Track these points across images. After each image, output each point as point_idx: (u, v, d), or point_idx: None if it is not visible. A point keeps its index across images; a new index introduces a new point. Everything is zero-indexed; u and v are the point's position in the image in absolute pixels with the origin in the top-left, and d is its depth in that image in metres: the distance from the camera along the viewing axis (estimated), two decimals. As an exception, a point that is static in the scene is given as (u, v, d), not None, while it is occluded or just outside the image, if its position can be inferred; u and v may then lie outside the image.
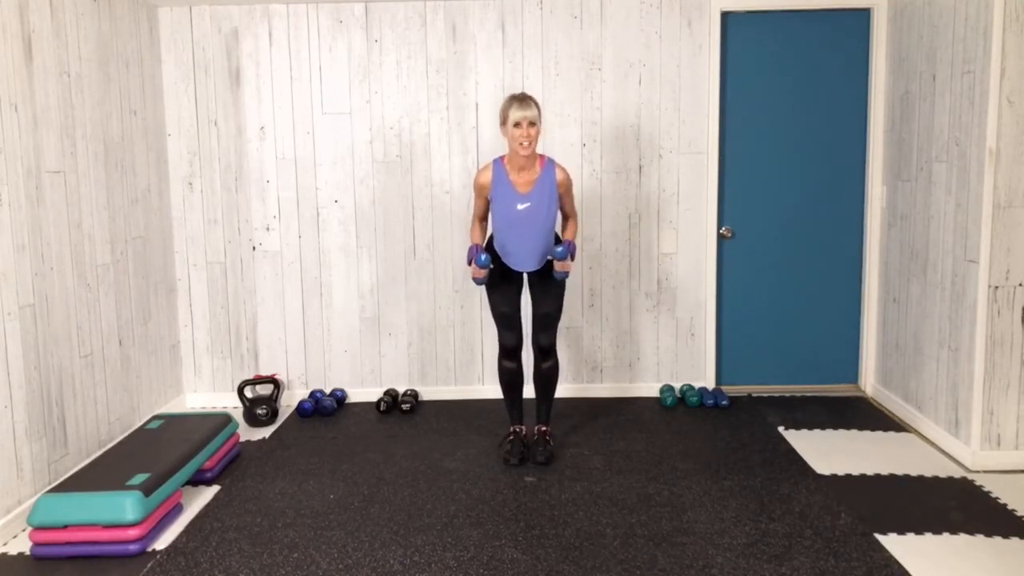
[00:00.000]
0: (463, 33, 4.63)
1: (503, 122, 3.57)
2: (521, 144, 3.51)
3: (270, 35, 4.66)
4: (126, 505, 3.04)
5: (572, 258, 3.68)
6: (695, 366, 4.87)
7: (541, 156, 3.68)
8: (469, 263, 3.69)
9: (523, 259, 3.71)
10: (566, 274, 3.72)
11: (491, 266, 3.70)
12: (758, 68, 4.67)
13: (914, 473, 3.65)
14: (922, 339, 4.14)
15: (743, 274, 4.82)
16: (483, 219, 3.82)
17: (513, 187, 3.62)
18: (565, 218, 3.84)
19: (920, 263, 4.15)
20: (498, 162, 3.68)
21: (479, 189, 3.69)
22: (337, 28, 4.64)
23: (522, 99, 3.52)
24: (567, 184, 3.68)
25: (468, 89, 4.67)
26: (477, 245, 3.69)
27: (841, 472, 3.68)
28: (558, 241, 3.83)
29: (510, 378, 3.93)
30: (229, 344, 4.88)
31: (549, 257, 3.71)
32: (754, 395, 4.84)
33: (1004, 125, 3.50)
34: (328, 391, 4.88)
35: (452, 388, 4.90)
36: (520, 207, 3.62)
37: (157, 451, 3.47)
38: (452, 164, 4.73)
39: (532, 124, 3.51)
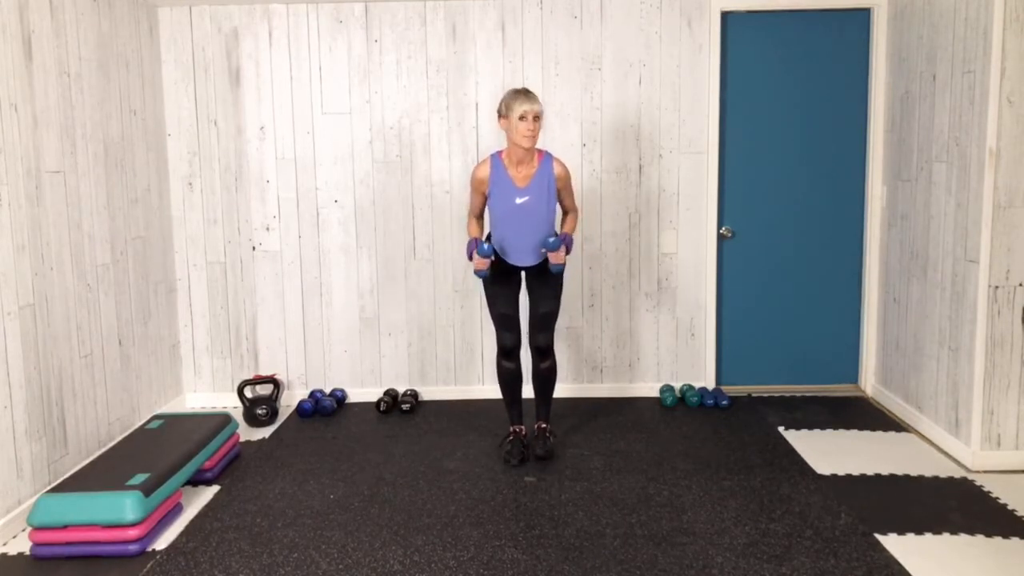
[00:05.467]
0: (463, 33, 4.63)
1: (504, 115, 3.56)
2: (525, 136, 3.51)
3: (270, 35, 4.66)
4: (126, 505, 3.04)
5: (568, 251, 3.67)
6: (695, 366, 4.87)
7: (539, 150, 3.68)
8: (470, 257, 3.68)
9: (522, 254, 3.71)
10: (562, 267, 3.70)
11: (492, 257, 3.69)
12: (758, 68, 4.67)
13: (914, 473, 3.65)
14: (922, 339, 4.14)
15: (743, 274, 4.82)
16: (479, 216, 3.82)
17: (511, 181, 3.63)
18: (565, 213, 3.84)
19: (920, 263, 4.15)
20: (496, 156, 3.68)
21: (477, 184, 3.69)
22: (337, 28, 4.64)
23: (526, 92, 3.52)
24: (565, 178, 3.68)
25: (468, 89, 4.67)
26: (476, 238, 3.69)
27: (841, 472, 3.68)
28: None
29: (509, 378, 3.93)
30: (229, 344, 4.88)
31: (543, 250, 3.69)
32: (754, 395, 4.84)
33: (1004, 125, 3.50)
34: (328, 391, 4.88)
35: (452, 388, 4.90)
36: (518, 201, 3.62)
37: (157, 451, 3.47)
38: (452, 164, 4.73)
39: (537, 118, 3.51)
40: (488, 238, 3.84)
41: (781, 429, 4.25)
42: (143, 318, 4.41)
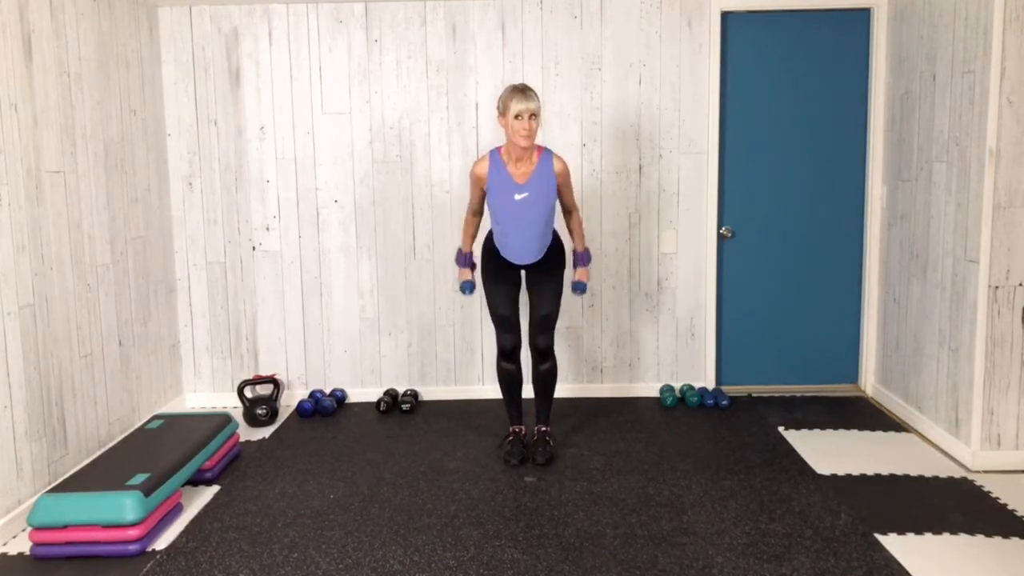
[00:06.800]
0: (463, 33, 4.64)
1: (502, 113, 3.56)
2: (521, 136, 3.51)
3: (270, 35, 4.66)
4: (126, 505, 3.04)
5: (588, 261, 3.94)
6: (695, 366, 4.87)
7: (539, 147, 3.68)
8: (457, 263, 3.95)
9: (521, 251, 3.71)
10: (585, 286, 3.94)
11: (471, 293, 3.96)
12: (758, 68, 4.67)
13: (914, 473, 3.65)
14: (922, 339, 4.14)
15: (743, 274, 4.82)
16: (477, 213, 3.84)
17: (511, 178, 3.63)
18: (567, 213, 3.84)
19: (920, 263, 4.15)
20: (495, 153, 3.68)
21: (475, 180, 3.69)
22: (337, 28, 4.64)
23: (523, 90, 3.51)
24: (565, 174, 3.69)
25: (468, 89, 4.67)
26: (462, 256, 3.93)
27: (841, 472, 3.68)
28: (556, 240, 3.83)
29: (509, 379, 3.93)
30: (229, 344, 4.88)
31: (575, 292, 3.90)
32: (754, 395, 4.84)
33: (1004, 125, 3.50)
34: (328, 391, 4.88)
35: (452, 388, 4.90)
36: (518, 197, 3.62)
37: (157, 451, 3.47)
38: (452, 164, 4.73)
39: (533, 116, 3.51)
40: (488, 238, 3.85)
41: (781, 429, 4.25)
42: (143, 318, 4.41)
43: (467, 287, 3.92)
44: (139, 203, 4.40)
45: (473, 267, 3.95)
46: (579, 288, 3.88)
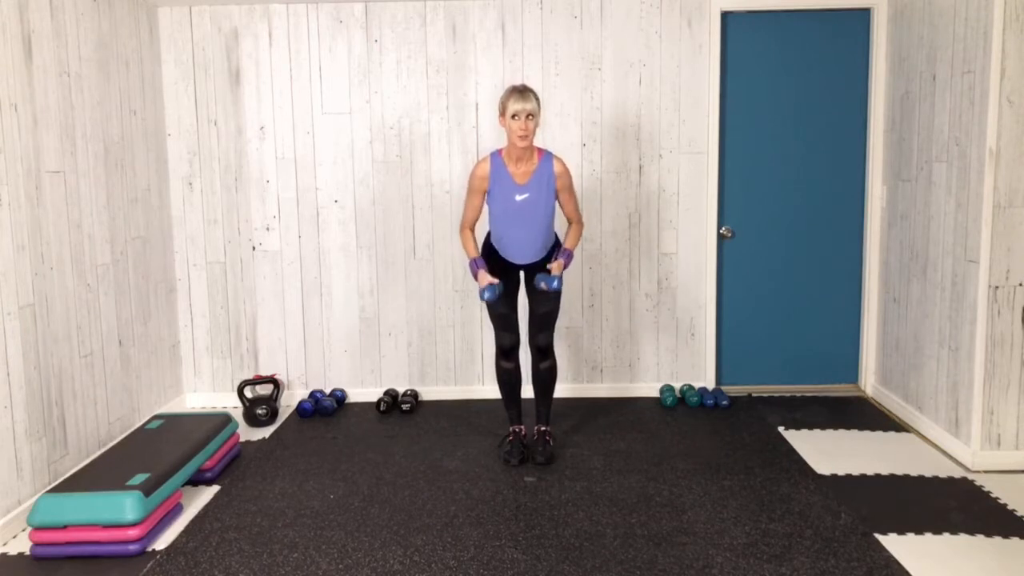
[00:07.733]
0: (463, 33, 4.63)
1: (502, 113, 3.57)
2: (519, 136, 3.51)
3: (270, 35, 4.66)
4: (126, 505, 3.04)
5: (566, 266, 3.68)
6: (695, 366, 4.87)
7: (539, 149, 3.68)
8: (475, 276, 3.66)
9: (521, 252, 3.71)
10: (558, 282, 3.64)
11: (498, 295, 3.61)
12: (758, 68, 4.67)
13: (914, 473, 3.65)
14: (922, 339, 4.14)
15: (743, 274, 4.82)
16: (472, 227, 3.76)
17: (511, 178, 3.63)
18: (568, 223, 3.81)
19: (920, 263, 4.16)
20: (496, 155, 3.69)
21: (478, 182, 3.68)
22: (337, 28, 4.64)
23: (522, 91, 3.52)
24: (565, 176, 3.67)
25: (468, 89, 4.67)
26: (475, 260, 3.66)
27: (841, 472, 3.68)
28: (557, 244, 3.84)
29: (508, 378, 3.93)
30: (229, 344, 4.88)
31: (543, 286, 3.61)
32: (754, 395, 4.84)
33: (1004, 125, 3.50)
34: (328, 391, 4.88)
35: (452, 388, 4.90)
36: (518, 198, 3.63)
37: (157, 451, 3.47)
38: (452, 164, 4.73)
39: (530, 116, 3.51)
40: (486, 241, 3.84)
41: (781, 429, 4.25)
42: (143, 318, 4.41)
43: (491, 290, 3.57)
44: (139, 203, 4.40)
45: (496, 297, 3.63)
46: (544, 280, 3.59)
